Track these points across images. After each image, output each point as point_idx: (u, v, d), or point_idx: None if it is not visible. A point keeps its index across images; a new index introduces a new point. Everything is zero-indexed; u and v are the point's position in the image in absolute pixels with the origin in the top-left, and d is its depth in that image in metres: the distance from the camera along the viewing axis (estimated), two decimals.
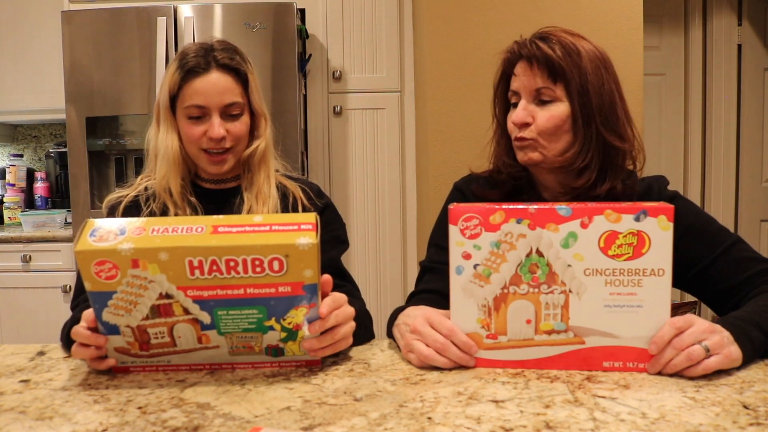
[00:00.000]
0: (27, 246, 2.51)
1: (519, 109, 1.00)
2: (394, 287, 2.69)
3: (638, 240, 0.79)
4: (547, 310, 0.82)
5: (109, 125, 2.42)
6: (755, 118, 3.16)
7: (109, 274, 0.74)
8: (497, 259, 0.81)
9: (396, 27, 2.64)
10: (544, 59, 0.96)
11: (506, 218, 0.80)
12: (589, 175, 0.99)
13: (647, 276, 0.80)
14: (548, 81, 0.97)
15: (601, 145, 0.98)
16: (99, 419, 0.69)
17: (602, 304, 0.81)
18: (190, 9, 2.33)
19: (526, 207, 0.80)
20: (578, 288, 0.81)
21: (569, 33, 1.00)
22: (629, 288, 0.80)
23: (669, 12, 3.13)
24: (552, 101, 0.98)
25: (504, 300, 0.82)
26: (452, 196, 1.16)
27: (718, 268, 0.98)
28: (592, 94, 0.96)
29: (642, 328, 0.81)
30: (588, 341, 0.82)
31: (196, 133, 1.10)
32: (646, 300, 0.80)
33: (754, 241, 3.18)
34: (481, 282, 0.82)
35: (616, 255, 0.79)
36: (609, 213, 0.79)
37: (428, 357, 0.83)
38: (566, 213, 0.80)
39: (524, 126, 0.99)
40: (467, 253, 0.82)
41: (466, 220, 0.81)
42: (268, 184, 1.16)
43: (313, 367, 0.86)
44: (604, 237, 0.79)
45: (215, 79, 1.09)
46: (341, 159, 2.68)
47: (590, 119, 0.97)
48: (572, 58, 0.96)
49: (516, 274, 0.81)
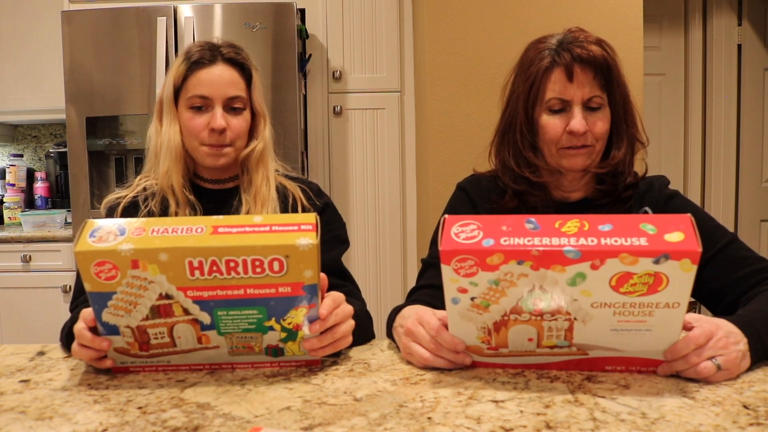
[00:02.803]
0: (27, 246, 2.51)
1: (578, 118, 0.98)
2: (394, 287, 2.69)
3: (655, 280, 0.69)
4: (550, 332, 0.76)
5: (109, 125, 2.42)
6: (755, 118, 3.16)
7: (108, 275, 0.74)
8: (496, 294, 0.73)
9: (396, 27, 2.64)
10: (605, 66, 0.98)
11: (505, 260, 0.70)
12: (626, 176, 1.03)
13: (660, 309, 0.71)
14: (597, 88, 0.99)
15: (631, 145, 1.03)
16: (99, 419, 0.69)
17: (608, 329, 0.74)
18: (190, 9, 2.33)
19: (528, 249, 0.69)
20: (584, 317, 0.74)
21: (590, 34, 1.02)
22: (639, 317, 0.72)
23: (669, 12, 3.13)
24: (600, 108, 1.00)
25: (504, 324, 0.77)
26: (456, 197, 1.15)
27: (713, 267, 0.99)
28: (627, 98, 1.02)
29: (650, 346, 0.76)
30: (591, 353, 0.79)
31: (198, 125, 1.10)
32: (657, 326, 0.73)
33: (754, 240, 3.18)
34: (480, 311, 0.76)
35: (628, 292, 0.70)
36: (624, 257, 0.68)
37: (427, 360, 0.83)
38: (575, 256, 0.68)
39: (584, 134, 0.99)
40: (462, 288, 0.73)
41: (460, 261, 0.71)
42: (267, 186, 1.16)
43: (313, 367, 0.86)
44: (616, 277, 0.69)
45: (220, 71, 1.10)
46: (341, 159, 2.68)
47: (627, 121, 1.02)
48: (613, 62, 0.99)
49: (517, 306, 0.74)
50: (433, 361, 0.83)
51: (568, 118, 0.99)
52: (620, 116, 1.00)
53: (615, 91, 0.99)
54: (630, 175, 1.05)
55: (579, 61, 0.97)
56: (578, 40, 0.99)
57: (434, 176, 2.27)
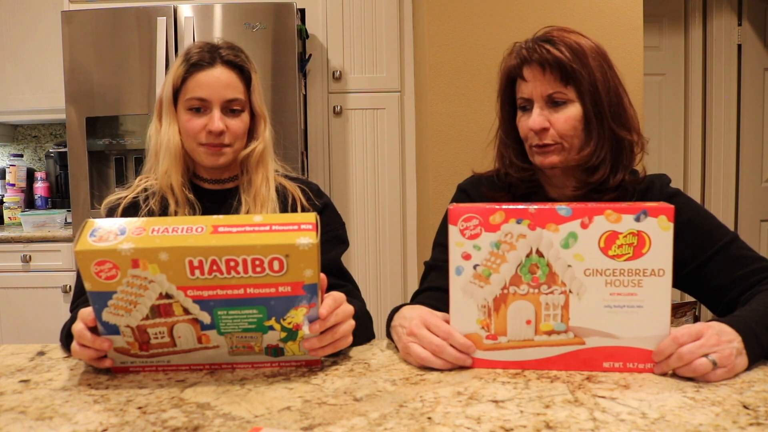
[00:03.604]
0: (27, 246, 2.51)
1: (535, 115, 0.99)
2: (394, 287, 2.69)
3: (638, 240, 0.79)
4: (547, 310, 0.81)
5: (109, 125, 2.42)
6: (755, 118, 3.16)
7: (109, 274, 0.74)
8: (497, 260, 0.81)
9: (396, 27, 2.64)
10: (555, 63, 0.96)
11: (506, 218, 0.80)
12: (604, 170, 1.00)
13: (647, 276, 0.79)
14: (560, 84, 0.97)
15: (613, 140, 0.99)
16: (99, 419, 0.69)
17: (602, 305, 0.80)
18: (190, 9, 2.33)
19: (526, 207, 0.80)
20: (578, 288, 0.80)
21: (568, 31, 1.01)
22: (629, 288, 0.80)
23: (669, 12, 3.13)
24: (565, 103, 0.98)
25: (504, 300, 0.82)
26: (456, 198, 1.16)
27: (713, 266, 0.99)
28: (602, 91, 0.97)
29: (642, 329, 0.80)
30: (588, 341, 0.81)
31: (196, 126, 1.10)
32: (647, 300, 0.80)
33: (754, 240, 3.18)
34: (481, 282, 0.82)
35: (616, 255, 0.79)
36: (609, 213, 0.79)
37: (425, 359, 0.83)
38: (566, 213, 0.79)
39: (543, 131, 0.99)
40: (467, 253, 0.82)
41: (466, 221, 0.81)
42: (266, 187, 1.16)
43: (313, 367, 0.86)
44: (604, 237, 0.79)
45: (219, 74, 1.10)
46: (341, 159, 2.68)
47: (602, 117, 0.98)
48: (580, 58, 0.97)
49: (516, 275, 0.81)
50: (431, 361, 0.83)
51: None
52: (590, 111, 0.98)
53: (581, 86, 0.97)
54: (613, 170, 1.01)
55: (530, 61, 0.99)
56: (539, 39, 1.00)
57: (434, 176, 2.27)
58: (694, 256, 1.00)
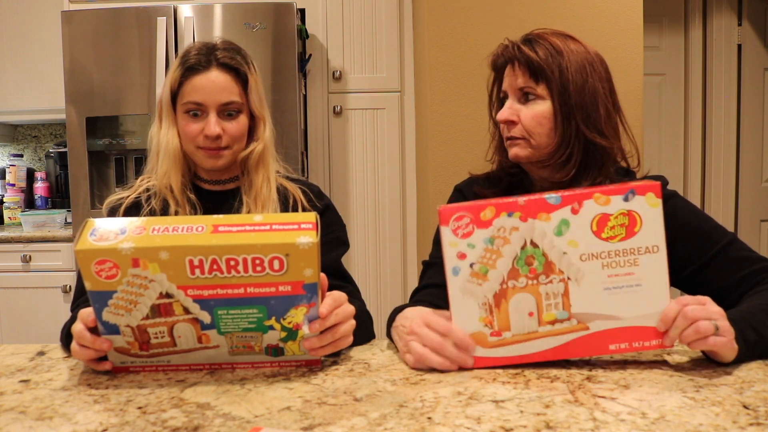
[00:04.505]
0: (27, 246, 2.51)
1: (504, 107, 1.04)
2: (394, 287, 2.69)
3: (629, 220, 0.79)
4: (548, 300, 0.81)
5: (109, 125, 2.42)
6: (755, 118, 3.16)
7: (109, 274, 0.74)
8: (492, 255, 0.81)
9: (396, 27, 2.64)
10: (524, 60, 1.00)
11: (497, 213, 0.80)
12: (569, 170, 1.01)
13: (642, 254, 0.80)
14: (530, 81, 1.01)
15: (582, 142, 1.00)
16: (99, 419, 0.69)
17: (602, 288, 0.81)
18: (190, 9, 2.33)
19: (515, 200, 0.80)
20: (576, 274, 0.80)
21: (559, 34, 1.03)
22: (626, 268, 0.80)
23: (669, 12, 3.13)
24: (534, 99, 1.01)
25: (504, 295, 0.82)
26: (453, 199, 1.16)
27: (714, 268, 0.99)
28: (573, 92, 0.98)
29: (643, 307, 0.81)
30: (592, 326, 0.82)
31: (193, 131, 1.11)
32: (645, 278, 0.80)
33: (754, 241, 3.18)
34: (479, 280, 0.82)
35: (609, 237, 0.80)
36: (598, 196, 0.79)
37: (423, 356, 0.83)
38: (556, 201, 0.80)
39: (511, 124, 1.03)
40: (462, 252, 0.81)
41: (457, 220, 0.81)
42: (267, 187, 1.16)
43: (313, 367, 0.86)
44: (596, 221, 0.79)
45: (214, 77, 1.10)
46: (341, 159, 2.68)
47: (570, 116, 0.99)
48: (553, 58, 0.99)
49: (513, 268, 0.81)
50: (430, 358, 0.83)
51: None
52: (558, 110, 0.99)
53: (551, 84, 0.99)
54: (585, 173, 1.01)
55: (503, 57, 1.04)
56: (522, 38, 1.04)
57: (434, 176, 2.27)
58: (693, 258, 1.00)
